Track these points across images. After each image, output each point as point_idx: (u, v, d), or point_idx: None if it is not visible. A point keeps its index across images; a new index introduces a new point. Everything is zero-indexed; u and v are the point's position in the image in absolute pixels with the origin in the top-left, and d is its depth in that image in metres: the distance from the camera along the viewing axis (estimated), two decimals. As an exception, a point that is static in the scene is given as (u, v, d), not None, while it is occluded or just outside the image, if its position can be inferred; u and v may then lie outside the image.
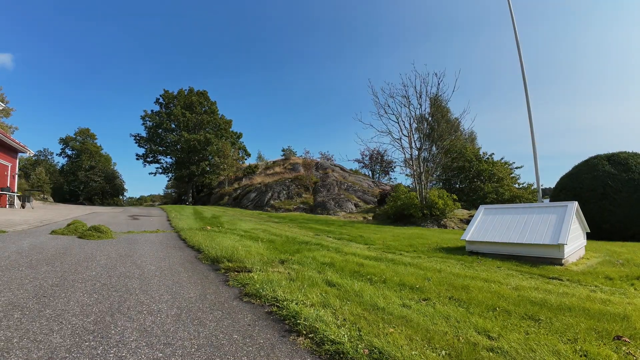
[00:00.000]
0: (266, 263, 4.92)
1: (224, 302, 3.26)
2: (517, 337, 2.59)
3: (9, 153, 19.37)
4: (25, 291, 3.27)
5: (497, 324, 2.92)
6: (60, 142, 53.04)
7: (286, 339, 2.44)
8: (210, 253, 5.57)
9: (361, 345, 2.23)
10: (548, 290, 4.68)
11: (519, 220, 8.36)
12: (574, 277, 5.99)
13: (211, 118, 47.63)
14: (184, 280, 4.03)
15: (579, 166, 16.73)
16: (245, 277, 4.03)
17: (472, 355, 2.16)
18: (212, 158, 44.09)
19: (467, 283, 4.65)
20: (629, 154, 15.56)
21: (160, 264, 4.93)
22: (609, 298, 4.36)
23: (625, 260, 7.64)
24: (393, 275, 4.92)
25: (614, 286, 5.52)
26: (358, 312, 2.93)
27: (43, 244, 6.14)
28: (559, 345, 2.46)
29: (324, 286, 3.79)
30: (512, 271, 6.48)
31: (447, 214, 20.17)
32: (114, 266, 4.64)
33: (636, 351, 2.47)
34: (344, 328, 2.52)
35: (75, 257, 5.10)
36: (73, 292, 3.34)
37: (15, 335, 2.28)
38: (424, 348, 2.24)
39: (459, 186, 33.40)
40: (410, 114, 21.64)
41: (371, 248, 9.64)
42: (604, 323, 3.07)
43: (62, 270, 4.26)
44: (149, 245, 6.81)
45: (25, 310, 2.77)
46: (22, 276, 3.83)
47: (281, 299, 3.17)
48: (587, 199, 14.73)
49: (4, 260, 4.57)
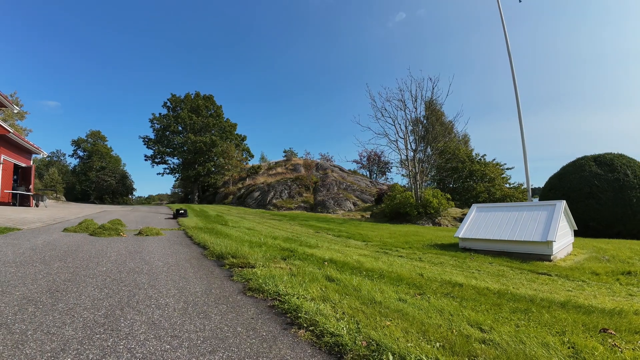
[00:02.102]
0: (268, 259, 4.92)
1: (228, 296, 3.25)
2: (507, 329, 2.58)
3: (24, 154, 19.38)
4: (39, 286, 3.27)
5: (489, 317, 2.91)
6: (73, 144, 53.09)
7: (288, 331, 2.43)
8: (215, 249, 5.56)
9: (359, 337, 2.22)
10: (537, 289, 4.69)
11: (509, 218, 8.36)
12: (562, 273, 5.99)
13: (217, 121, 47.63)
14: (190, 276, 4.03)
15: (567, 167, 16.73)
16: (248, 272, 4.03)
17: (465, 347, 2.16)
18: (217, 159, 44.11)
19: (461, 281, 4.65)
20: (615, 155, 15.55)
21: (168, 260, 4.92)
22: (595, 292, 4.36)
23: (611, 257, 7.64)
24: (389, 270, 4.92)
25: (600, 281, 5.53)
26: (356, 306, 2.93)
27: (56, 241, 6.14)
28: (547, 337, 2.46)
29: (323, 281, 3.79)
30: (503, 267, 6.48)
31: (441, 213, 20.17)
32: (124, 262, 4.64)
33: (621, 343, 2.47)
34: (342, 321, 2.51)
35: (86, 254, 5.10)
36: (84, 286, 3.34)
37: (29, 328, 2.28)
38: (419, 340, 2.23)
39: (453, 186, 33.41)
40: (406, 117, 21.68)
41: (369, 245, 9.64)
42: (591, 317, 3.07)
43: (74, 266, 4.25)
44: (157, 242, 6.80)
45: (39, 304, 2.77)
46: (36, 272, 3.83)
47: (283, 293, 3.17)
48: (574, 198, 14.73)
49: (19, 257, 4.57)
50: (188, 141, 43.84)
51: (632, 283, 5.46)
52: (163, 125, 45.96)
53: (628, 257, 7.56)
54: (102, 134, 54.94)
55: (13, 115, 35.77)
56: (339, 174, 35.92)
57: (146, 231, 7.96)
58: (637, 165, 14.87)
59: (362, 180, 35.74)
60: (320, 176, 34.31)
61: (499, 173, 33.44)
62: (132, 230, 8.68)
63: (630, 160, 15.13)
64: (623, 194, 14.14)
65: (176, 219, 13.81)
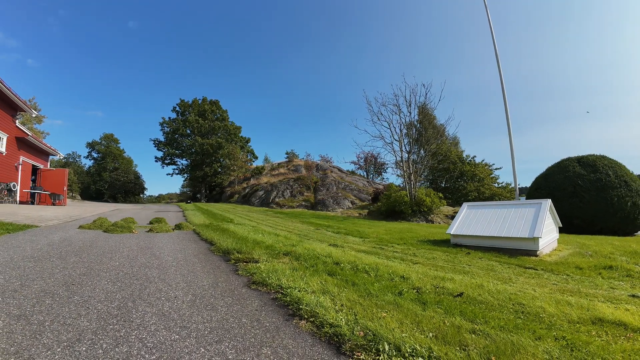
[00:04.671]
0: (272, 254, 4.91)
1: (234, 289, 3.25)
2: (497, 322, 2.58)
3: (41, 156, 19.38)
4: (56, 280, 3.27)
5: (479, 310, 2.91)
6: (87, 146, 53.11)
7: (290, 322, 2.43)
8: (221, 245, 5.55)
9: (357, 328, 2.22)
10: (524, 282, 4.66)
11: (498, 215, 8.35)
12: (547, 267, 5.99)
13: (222, 124, 47.64)
14: (198, 270, 4.03)
15: (552, 167, 16.71)
16: (253, 267, 4.03)
17: (457, 336, 2.16)
18: (223, 160, 44.15)
19: (452, 276, 4.64)
20: (597, 157, 15.55)
21: (177, 256, 4.92)
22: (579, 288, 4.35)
23: (594, 252, 7.63)
24: (385, 265, 4.91)
25: (584, 275, 5.52)
26: (354, 298, 2.93)
27: (72, 238, 6.13)
28: (538, 330, 2.46)
29: (323, 275, 3.79)
30: (492, 262, 6.47)
31: (434, 211, 20.16)
32: (135, 257, 4.63)
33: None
34: (341, 313, 2.51)
35: (100, 249, 5.10)
36: (98, 280, 3.34)
37: (47, 319, 2.28)
38: (413, 330, 2.23)
39: (445, 185, 33.40)
40: (401, 121, 21.70)
41: (366, 241, 9.63)
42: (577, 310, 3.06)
43: (89, 260, 4.25)
44: (166, 238, 6.80)
45: (56, 296, 2.77)
46: (53, 266, 3.83)
47: (285, 286, 3.16)
48: (559, 197, 14.72)
49: (37, 252, 4.56)
50: (196, 143, 43.87)
51: (613, 277, 5.45)
52: (172, 128, 46.02)
53: (610, 252, 7.55)
54: (114, 136, 54.98)
55: (31, 119, 35.72)
56: (338, 174, 35.90)
57: (156, 228, 7.95)
58: (618, 166, 14.87)
59: (359, 180, 35.72)
60: (320, 176, 34.29)
61: (488, 173, 33.44)
62: (143, 227, 8.67)
63: (612, 162, 15.13)
64: (605, 193, 14.14)
65: (185, 217, 13.80)
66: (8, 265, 3.74)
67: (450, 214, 20.19)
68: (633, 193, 14.03)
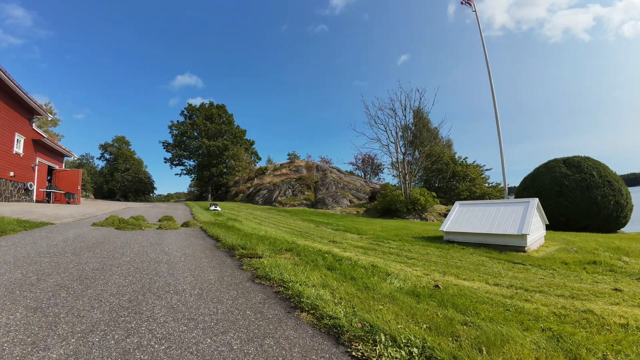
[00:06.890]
0: (274, 250, 4.91)
1: (238, 283, 3.25)
2: (487, 314, 2.58)
3: (56, 157, 19.38)
4: (70, 274, 3.27)
5: (471, 303, 2.91)
6: (100, 148, 53.09)
7: (291, 314, 2.43)
8: (227, 242, 5.55)
9: (355, 319, 2.22)
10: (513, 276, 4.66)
11: (489, 213, 8.35)
12: (535, 262, 5.98)
13: (228, 128, 47.66)
14: (205, 265, 4.02)
15: (539, 168, 16.71)
16: (256, 262, 4.03)
17: (449, 328, 2.15)
18: (229, 161, 44.16)
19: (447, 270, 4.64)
20: (582, 158, 15.55)
21: (185, 251, 4.92)
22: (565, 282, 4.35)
23: (579, 248, 7.63)
24: (382, 260, 4.91)
25: (569, 270, 5.52)
26: (352, 292, 2.93)
27: (85, 234, 6.13)
28: (526, 322, 2.46)
29: (323, 270, 3.79)
30: (482, 257, 6.47)
31: (427, 209, 20.16)
32: (145, 253, 4.63)
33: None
34: (340, 305, 2.51)
35: (112, 245, 5.10)
36: (111, 275, 3.34)
37: (62, 312, 2.28)
38: (408, 322, 2.23)
39: (438, 185, 33.39)
40: (397, 124, 21.73)
41: (363, 238, 9.62)
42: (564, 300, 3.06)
43: (102, 256, 4.25)
44: (175, 235, 6.79)
45: (70, 290, 2.77)
46: (68, 261, 3.83)
47: (287, 280, 3.16)
48: (546, 196, 14.72)
49: (52, 248, 4.56)
50: (203, 146, 43.89)
51: (597, 271, 5.45)
52: (180, 131, 46.04)
53: (594, 248, 7.55)
54: (126, 139, 54.91)
55: (47, 122, 35.72)
56: (337, 175, 35.88)
57: (165, 225, 7.95)
58: (602, 167, 14.87)
59: (357, 180, 35.71)
60: (320, 176, 34.28)
61: (479, 174, 33.44)
62: (152, 224, 8.67)
63: (596, 163, 15.12)
64: (589, 192, 14.13)
65: (192, 215, 13.81)
66: (25, 260, 3.74)
67: (443, 212, 20.19)
68: (616, 192, 14.03)
